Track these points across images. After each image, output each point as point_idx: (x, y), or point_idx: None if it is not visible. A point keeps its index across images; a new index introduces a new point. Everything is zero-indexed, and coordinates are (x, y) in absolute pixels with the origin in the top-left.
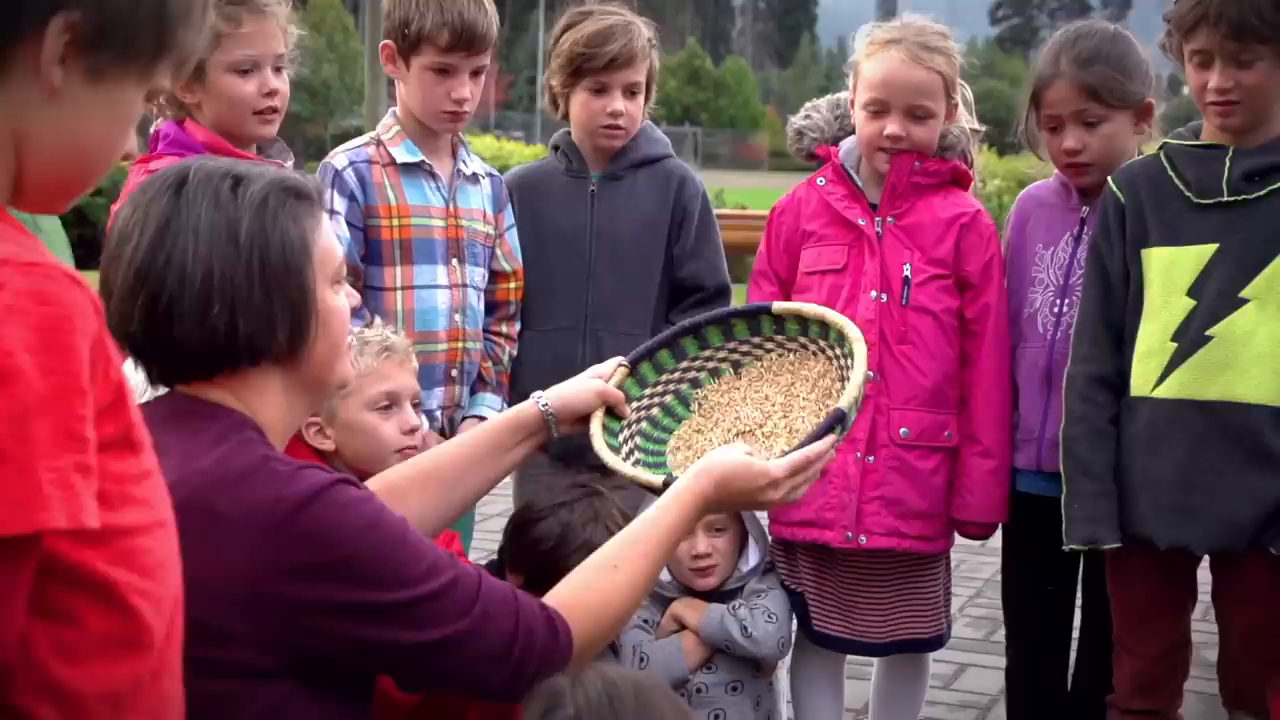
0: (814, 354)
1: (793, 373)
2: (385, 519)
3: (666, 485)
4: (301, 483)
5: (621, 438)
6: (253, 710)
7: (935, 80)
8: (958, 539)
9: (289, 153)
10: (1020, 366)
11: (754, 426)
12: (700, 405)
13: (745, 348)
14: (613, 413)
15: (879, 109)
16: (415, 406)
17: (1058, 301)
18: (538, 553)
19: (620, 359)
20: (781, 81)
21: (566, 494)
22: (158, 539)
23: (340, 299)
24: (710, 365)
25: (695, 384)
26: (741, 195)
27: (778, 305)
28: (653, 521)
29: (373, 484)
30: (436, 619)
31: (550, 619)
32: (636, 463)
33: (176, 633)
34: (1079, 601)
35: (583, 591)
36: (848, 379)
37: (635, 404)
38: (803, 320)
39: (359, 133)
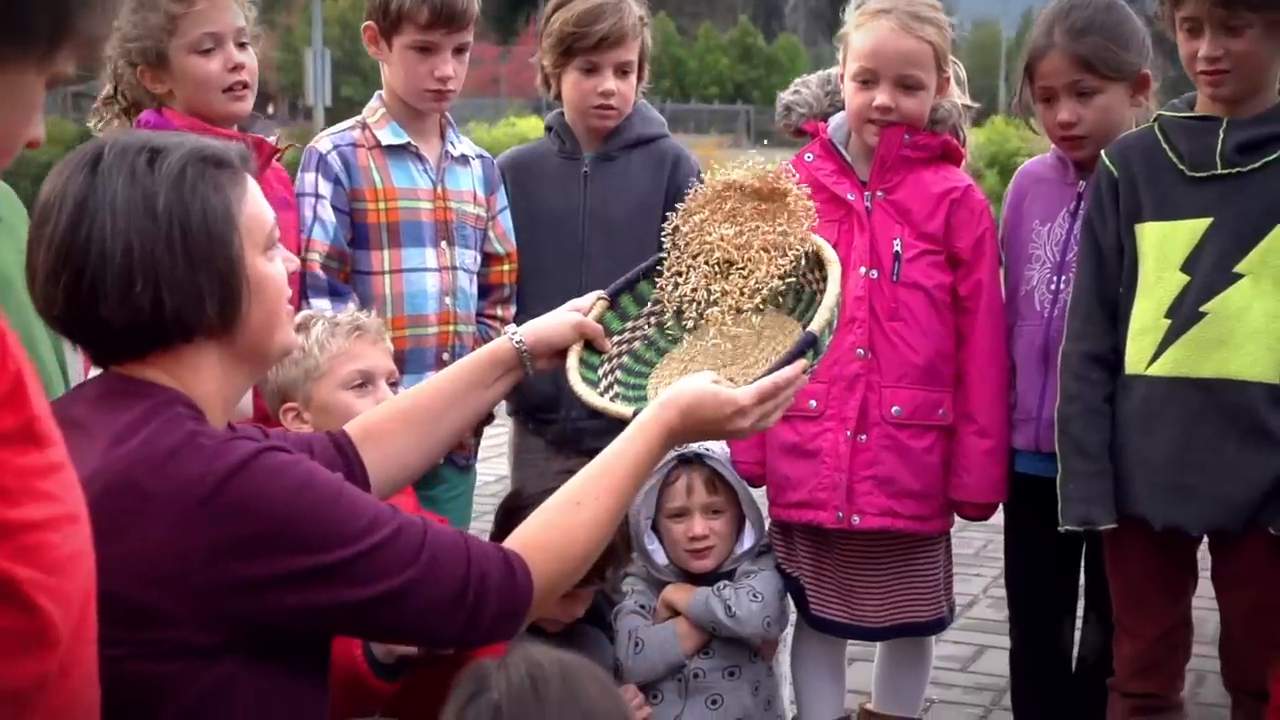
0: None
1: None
2: (318, 479)
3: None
4: (228, 455)
5: (601, 372)
6: (200, 689)
7: (925, 50)
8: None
9: (272, 127)
10: (1017, 345)
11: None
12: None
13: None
14: (592, 347)
15: (868, 79)
16: (393, 385)
17: (1054, 279)
18: None
19: (599, 292)
20: (834, 58)
21: (555, 480)
22: (66, 534)
23: (275, 265)
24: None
25: (677, 314)
26: None
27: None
28: (617, 454)
29: (351, 427)
30: (382, 571)
31: (507, 560)
32: (615, 397)
33: (88, 628)
34: (1083, 583)
35: (544, 531)
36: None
37: (616, 338)
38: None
39: None
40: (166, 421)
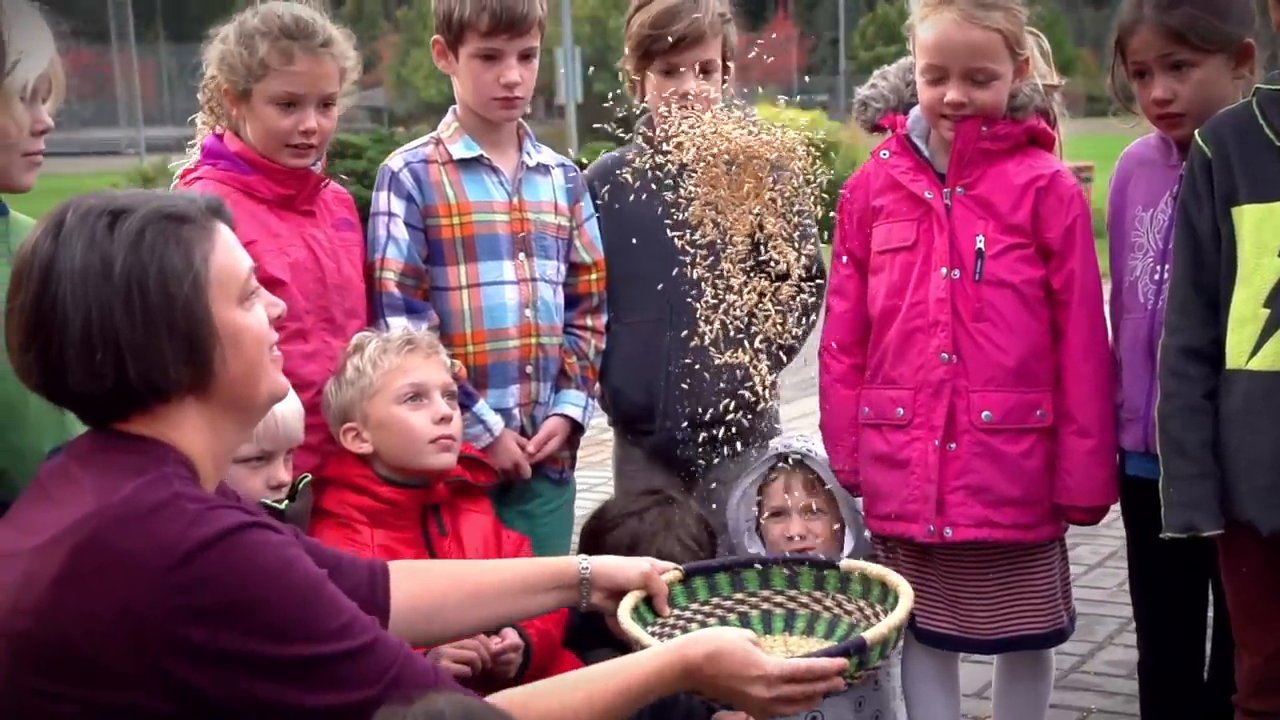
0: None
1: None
2: (299, 567)
3: None
4: (209, 523)
5: (649, 630)
6: None
7: (994, 39)
8: None
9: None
10: (1122, 339)
11: None
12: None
13: (805, 599)
14: (651, 605)
15: (937, 76)
16: (451, 398)
17: (1158, 268)
18: None
19: (678, 566)
20: (1096, 23)
21: (637, 502)
22: None
23: (253, 315)
24: (764, 607)
25: (744, 619)
26: None
27: (845, 563)
28: (631, 664)
29: (397, 565)
30: (345, 680)
31: None
32: None
33: None
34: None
35: (536, 697)
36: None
37: (676, 611)
38: (866, 581)
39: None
40: (154, 480)
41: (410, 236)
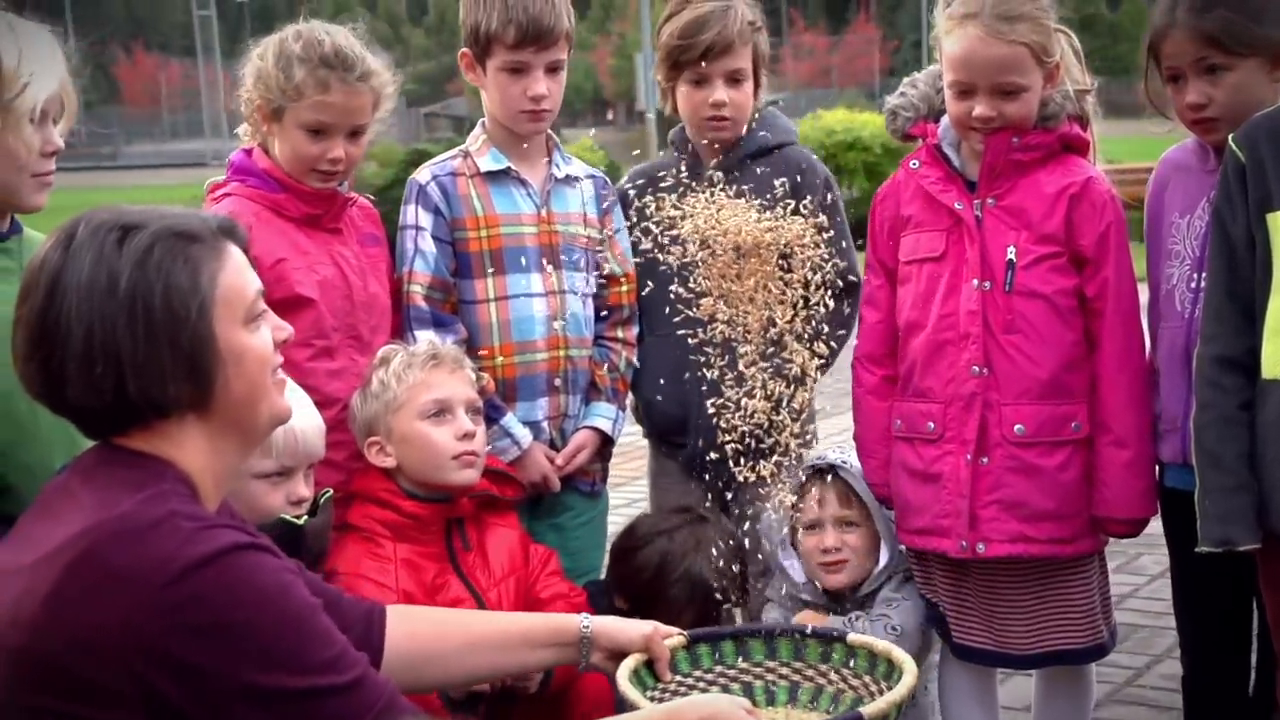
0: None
1: None
2: (294, 593)
3: None
4: (203, 542)
5: (648, 695)
6: None
7: (1020, 53)
8: None
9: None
10: (1159, 349)
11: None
12: None
13: (810, 672)
14: (651, 669)
15: (964, 90)
16: (476, 414)
17: (1195, 276)
18: (638, 582)
19: (682, 631)
20: None
21: (668, 520)
22: None
23: (258, 337)
24: (768, 678)
25: (747, 689)
26: (1132, 145)
27: (853, 636)
28: None
29: (394, 608)
30: (332, 716)
31: None
32: None
33: None
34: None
35: None
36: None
37: (679, 677)
38: (872, 656)
39: None
40: (151, 496)
41: (438, 250)
